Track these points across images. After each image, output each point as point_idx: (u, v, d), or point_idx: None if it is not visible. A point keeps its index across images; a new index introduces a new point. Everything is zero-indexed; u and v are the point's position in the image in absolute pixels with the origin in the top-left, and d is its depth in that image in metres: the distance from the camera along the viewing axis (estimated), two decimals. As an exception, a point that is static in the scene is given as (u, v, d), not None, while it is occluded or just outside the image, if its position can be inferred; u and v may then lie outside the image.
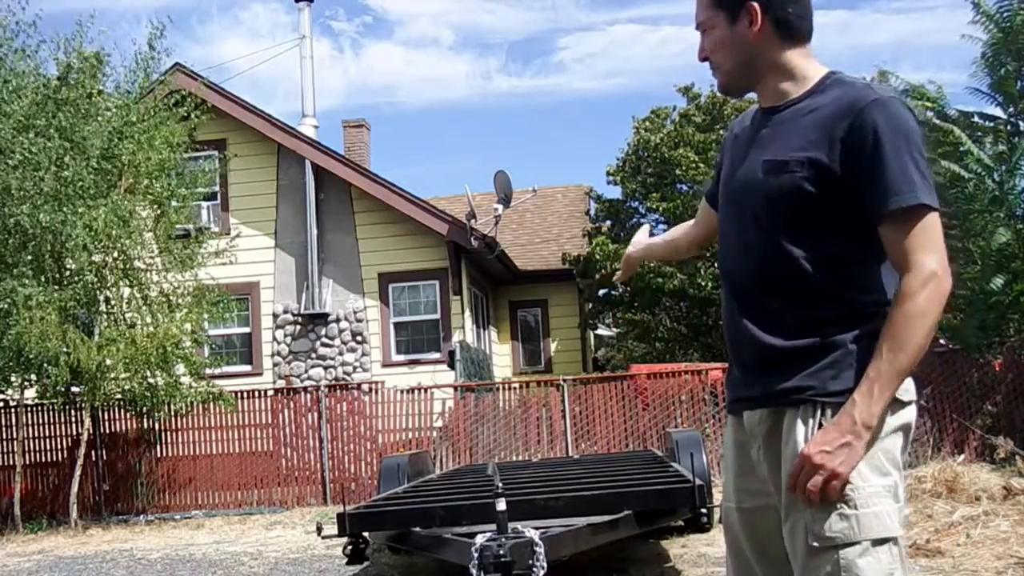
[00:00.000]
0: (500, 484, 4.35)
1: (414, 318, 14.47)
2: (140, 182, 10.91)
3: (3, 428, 12.06)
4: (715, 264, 2.28)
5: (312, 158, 14.35)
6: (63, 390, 10.70)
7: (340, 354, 14.37)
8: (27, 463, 11.61)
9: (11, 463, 11.50)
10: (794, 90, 2.00)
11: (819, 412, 1.88)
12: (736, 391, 2.07)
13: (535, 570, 3.95)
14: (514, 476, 6.36)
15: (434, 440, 11.48)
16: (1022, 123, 10.62)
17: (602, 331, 20.27)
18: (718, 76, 2.07)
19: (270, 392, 12.22)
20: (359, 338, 14.36)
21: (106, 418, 11.84)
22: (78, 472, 10.86)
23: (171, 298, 11.25)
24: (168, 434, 11.82)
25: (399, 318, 14.48)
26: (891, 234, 1.86)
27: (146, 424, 11.62)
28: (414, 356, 14.31)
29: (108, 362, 10.30)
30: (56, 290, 10.24)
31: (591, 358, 19.13)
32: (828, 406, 1.87)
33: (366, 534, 5.43)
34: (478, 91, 71.02)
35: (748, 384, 2.01)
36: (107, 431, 11.88)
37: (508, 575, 3.88)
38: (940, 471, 7.31)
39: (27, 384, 11.20)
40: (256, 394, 12.01)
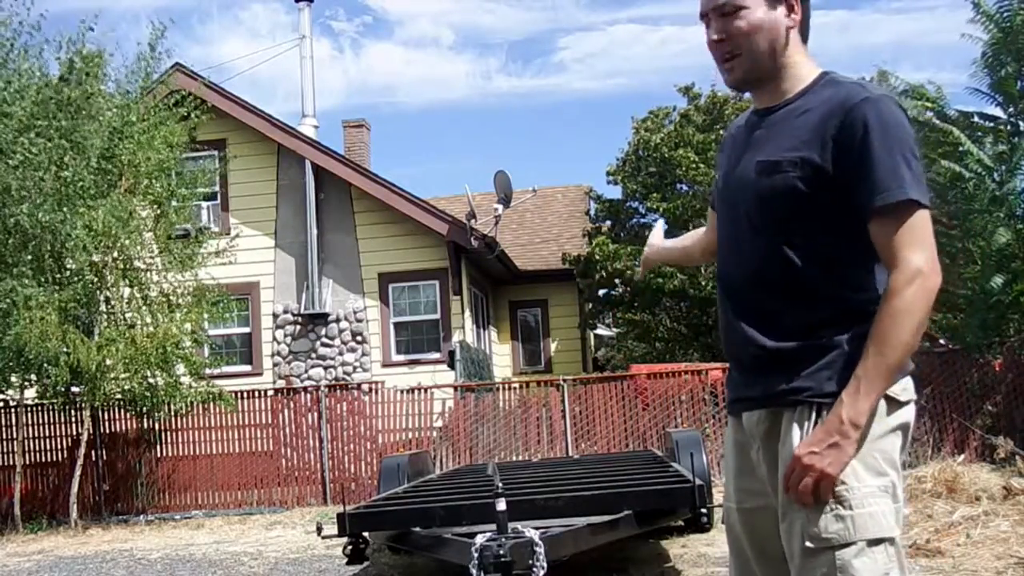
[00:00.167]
0: (500, 484, 4.35)
1: (414, 318, 14.47)
2: (140, 182, 10.91)
3: (3, 428, 12.05)
4: (715, 265, 2.29)
5: (312, 158, 14.36)
6: (63, 390, 10.71)
7: (340, 354, 14.37)
8: (27, 463, 11.61)
9: (11, 463, 11.50)
10: (791, 90, 2.00)
11: (815, 413, 1.88)
12: (735, 392, 2.07)
13: (535, 570, 3.95)
14: (514, 476, 6.36)
15: (434, 440, 11.48)
16: (1022, 123, 10.61)
17: (602, 331, 20.27)
18: (737, 63, 1.97)
19: (270, 392, 12.22)
20: (359, 338, 14.37)
21: (106, 418, 11.84)
22: (78, 472, 10.86)
23: (171, 298, 11.26)
24: (168, 434, 11.82)
25: (399, 318, 14.49)
26: (879, 231, 1.85)
27: (146, 424, 11.61)
28: (414, 356, 14.31)
29: (108, 362, 10.30)
30: (56, 290, 10.24)
31: (591, 358, 19.13)
32: (824, 407, 1.86)
33: (366, 534, 5.43)
34: (478, 91, 71.08)
35: (747, 385, 2.01)
36: (107, 431, 11.87)
37: (508, 575, 3.88)
38: (940, 471, 7.31)
39: (27, 384, 11.19)
40: (256, 394, 12.01)
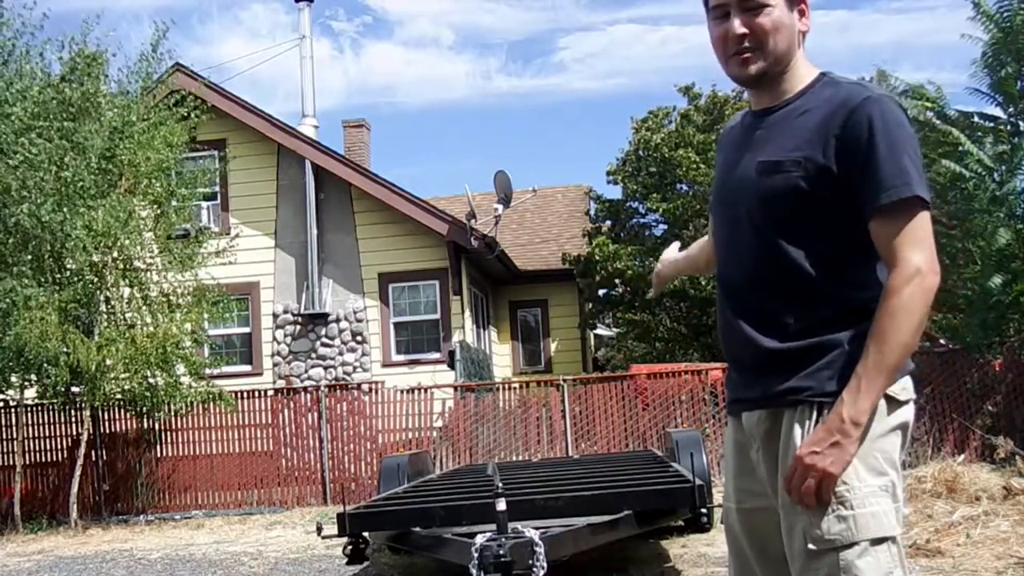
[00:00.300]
0: (500, 484, 4.35)
1: (414, 318, 14.47)
2: (140, 182, 10.91)
3: (3, 428, 12.05)
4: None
5: (312, 158, 14.35)
6: (63, 390, 10.71)
7: (340, 354, 14.37)
8: (27, 463, 11.60)
9: (11, 463, 11.50)
10: (790, 91, 2.01)
11: (816, 413, 1.87)
12: (735, 392, 2.07)
13: (535, 570, 3.95)
14: (514, 476, 6.36)
15: (434, 440, 11.48)
16: (1022, 123, 10.61)
17: (602, 331, 20.27)
18: (754, 58, 1.97)
19: (270, 392, 12.22)
20: (359, 338, 14.36)
21: (106, 418, 11.84)
22: (78, 472, 10.86)
23: (171, 298, 11.26)
24: (168, 434, 11.82)
25: (399, 318, 14.49)
26: (881, 229, 1.85)
27: (146, 424, 11.61)
28: (414, 356, 14.31)
29: (108, 362, 10.30)
30: (56, 290, 10.24)
31: (591, 358, 19.13)
32: (825, 406, 1.86)
33: (366, 534, 5.43)
34: (478, 91, 71.05)
35: (746, 385, 2.01)
36: (107, 431, 11.87)
37: (508, 575, 3.88)
38: (940, 471, 7.31)
39: (27, 384, 11.19)
40: (256, 394, 12.01)
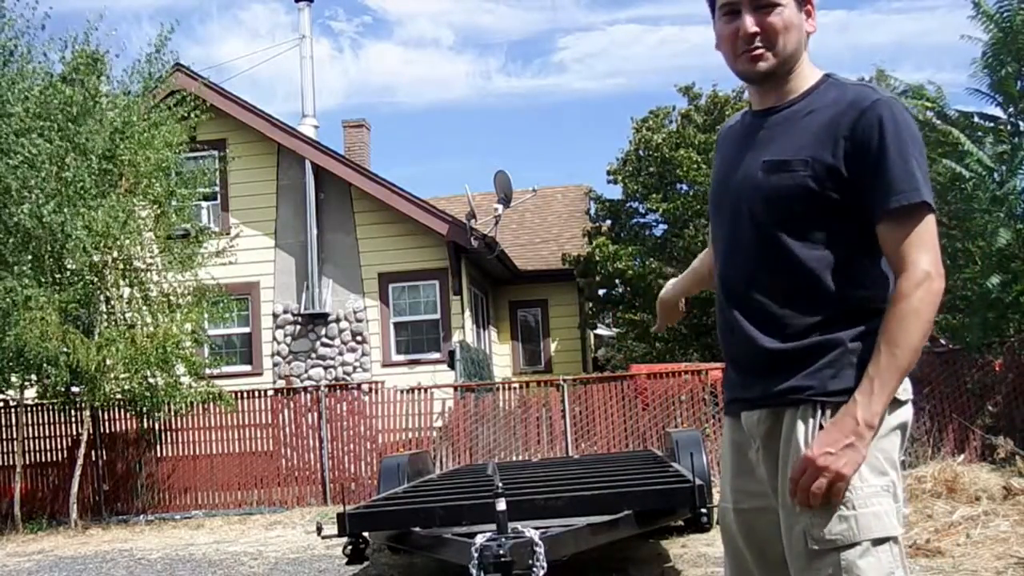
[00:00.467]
0: (500, 484, 4.34)
1: (414, 318, 14.47)
2: (140, 182, 10.91)
3: (3, 428, 12.05)
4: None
5: (312, 158, 14.35)
6: (63, 390, 10.71)
7: (340, 354, 14.37)
8: (27, 463, 11.60)
9: (11, 463, 11.50)
10: (794, 91, 2.00)
11: (819, 412, 1.87)
12: (733, 392, 2.06)
13: (535, 570, 3.95)
14: (514, 476, 6.36)
15: (434, 440, 11.48)
16: (1022, 123, 10.60)
17: (602, 331, 20.26)
18: (765, 56, 1.97)
19: (270, 392, 12.22)
20: (359, 338, 14.36)
21: (106, 418, 11.84)
22: (78, 472, 10.86)
23: (171, 298, 11.25)
24: (168, 434, 11.82)
25: (399, 318, 14.48)
26: (890, 232, 1.86)
27: (146, 424, 11.60)
28: (414, 356, 14.31)
29: (108, 362, 10.30)
30: (56, 290, 10.24)
31: (591, 358, 19.13)
32: (828, 406, 1.86)
33: (366, 534, 5.43)
34: (478, 91, 71.04)
35: (745, 385, 2.00)
36: (107, 431, 11.87)
37: (508, 575, 3.88)
38: (940, 471, 7.31)
39: (27, 384, 11.20)
40: (256, 394, 12.01)
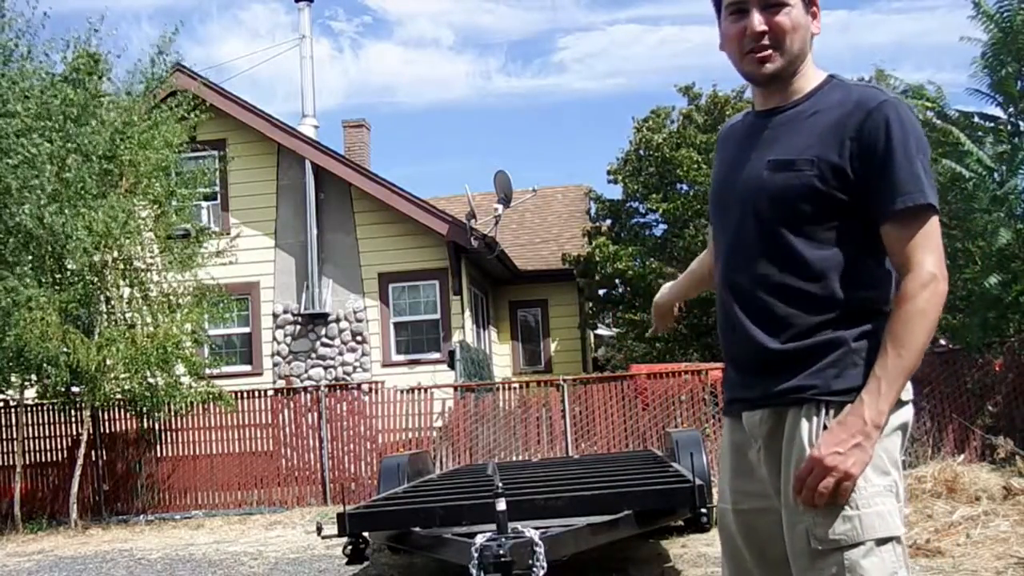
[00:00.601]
0: (500, 484, 4.33)
1: (414, 318, 14.47)
2: (140, 182, 10.91)
3: (3, 428, 12.05)
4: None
5: (312, 158, 14.35)
6: (63, 390, 10.71)
7: (340, 354, 14.36)
8: (27, 463, 11.60)
9: (11, 463, 11.51)
10: (799, 92, 2.01)
11: (823, 411, 1.87)
12: (733, 392, 2.06)
13: (535, 570, 3.94)
14: (514, 476, 6.35)
15: (434, 440, 11.48)
16: (1022, 123, 10.60)
17: (602, 331, 20.26)
18: (773, 56, 1.96)
19: (270, 392, 12.21)
20: (359, 338, 14.36)
21: (106, 418, 11.84)
22: (78, 472, 10.85)
23: (171, 298, 11.25)
24: (168, 434, 11.82)
25: (399, 318, 14.48)
26: (895, 233, 1.86)
27: (146, 424, 11.60)
28: (414, 356, 14.30)
29: (108, 362, 10.30)
30: (57, 291, 10.23)
31: (591, 358, 19.13)
32: (831, 405, 1.86)
33: (366, 534, 5.43)
34: (478, 91, 71.06)
35: (746, 385, 1.99)
36: (107, 431, 11.87)
37: (508, 575, 3.88)
38: (940, 471, 7.31)
39: (27, 384, 11.19)
40: (256, 394, 12.00)
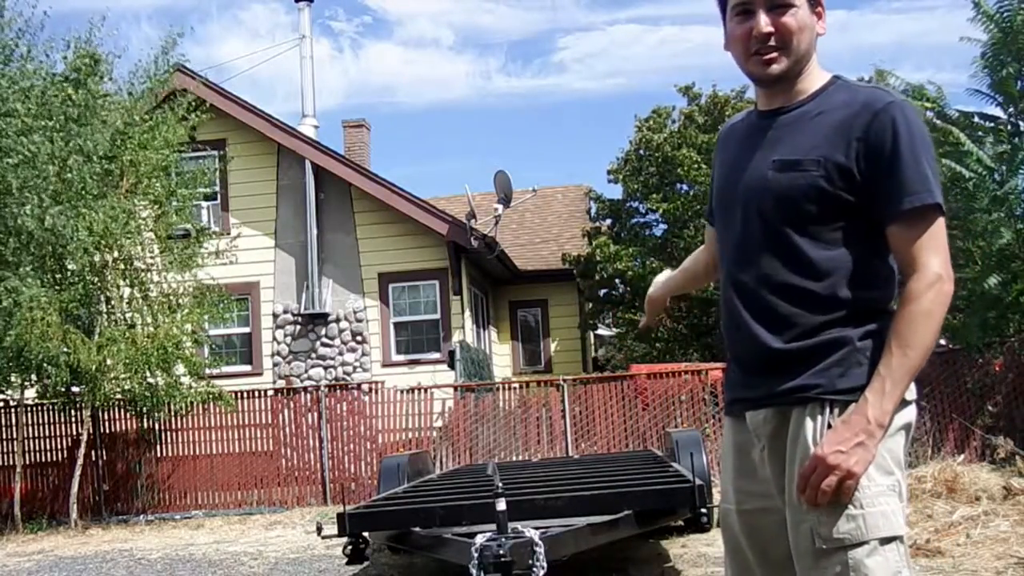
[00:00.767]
0: (500, 484, 4.33)
1: (414, 318, 14.47)
2: (140, 182, 10.90)
3: (3, 428, 12.05)
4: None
5: (312, 158, 14.35)
6: (63, 390, 10.70)
7: (340, 354, 14.36)
8: (27, 463, 11.60)
9: (11, 463, 11.50)
10: (804, 92, 2.01)
11: (827, 410, 1.87)
12: (736, 392, 2.06)
13: (535, 570, 3.94)
14: (514, 476, 6.35)
15: (434, 440, 11.48)
16: (1022, 123, 10.60)
17: (602, 331, 20.26)
18: (779, 57, 1.97)
19: (270, 392, 12.21)
20: (359, 338, 14.36)
21: (106, 418, 11.84)
22: (78, 472, 10.85)
23: (171, 298, 11.25)
24: (168, 434, 11.82)
25: (399, 318, 14.48)
26: (901, 234, 1.87)
27: (146, 424, 11.61)
28: (414, 356, 14.30)
29: (108, 362, 10.29)
30: (57, 291, 10.23)
31: (591, 358, 19.13)
32: (836, 404, 1.86)
33: (366, 534, 5.43)
34: (478, 91, 71.05)
35: (750, 385, 1.99)
36: (107, 431, 11.87)
37: (508, 575, 3.88)
38: (940, 471, 7.31)
39: (27, 384, 11.19)
40: (256, 394, 12.00)
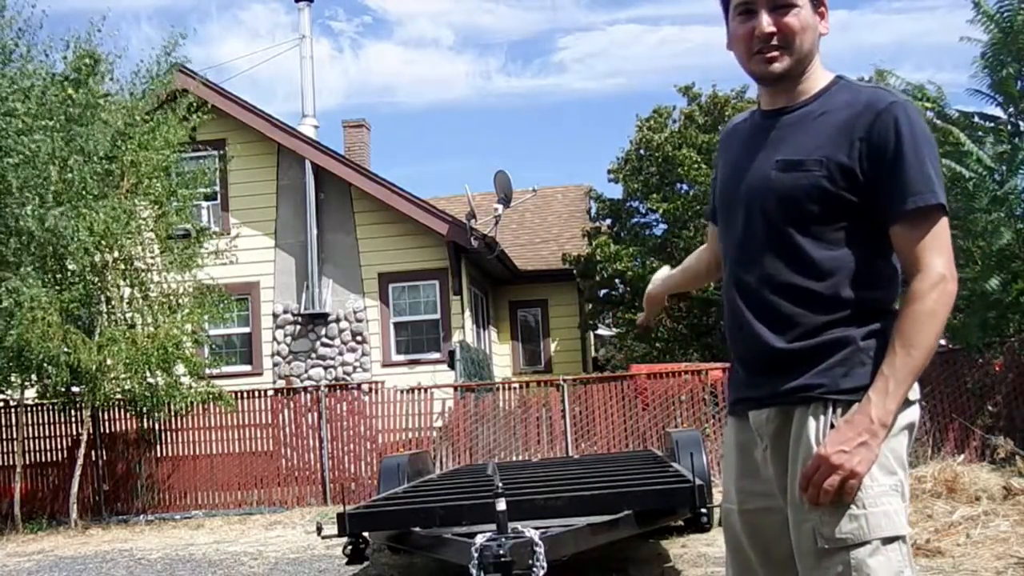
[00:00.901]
0: (500, 484, 4.33)
1: (414, 318, 14.47)
2: (141, 182, 10.90)
3: (3, 428, 12.05)
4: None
5: (312, 158, 14.35)
6: (63, 390, 10.70)
7: (340, 354, 14.36)
8: (27, 463, 11.60)
9: (11, 463, 11.50)
10: (807, 92, 2.01)
11: (830, 410, 1.87)
12: (739, 392, 2.06)
13: (535, 570, 3.94)
14: (514, 476, 6.35)
15: (434, 440, 11.48)
16: (1022, 123, 10.60)
17: (602, 331, 20.26)
18: (781, 56, 1.97)
19: (270, 392, 12.21)
20: (359, 338, 14.36)
21: (106, 418, 11.84)
22: (78, 472, 10.85)
23: (172, 298, 11.25)
24: (168, 434, 11.82)
25: (399, 318, 14.48)
26: (905, 234, 1.87)
27: (146, 424, 11.61)
28: (414, 356, 14.30)
29: (108, 362, 10.29)
30: (58, 291, 10.23)
31: (591, 358, 19.12)
32: (839, 404, 1.86)
33: (366, 534, 5.43)
34: (478, 91, 71.07)
35: (754, 385, 1.99)
36: (107, 431, 11.87)
37: (508, 575, 3.88)
38: (940, 471, 7.31)
39: (27, 384, 11.19)
40: (256, 394, 12.00)
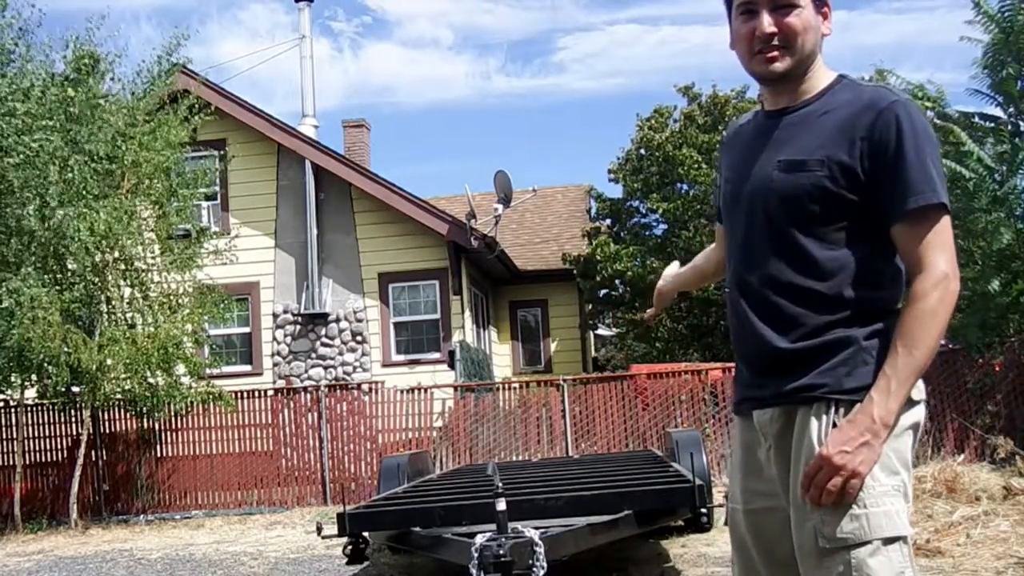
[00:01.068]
0: (500, 484, 4.33)
1: (414, 318, 14.47)
2: (141, 182, 10.90)
3: (3, 428, 12.05)
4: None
5: (312, 158, 14.35)
6: (63, 390, 10.70)
7: (340, 354, 14.36)
8: (27, 463, 11.60)
9: (11, 463, 11.51)
10: (809, 92, 2.01)
11: (832, 410, 1.87)
12: (744, 391, 2.06)
13: (535, 570, 3.94)
14: (514, 476, 6.35)
15: (434, 440, 11.47)
16: (1023, 124, 10.60)
17: (602, 331, 20.26)
18: (782, 56, 1.97)
19: (270, 392, 12.21)
20: (359, 338, 14.36)
21: (106, 418, 11.84)
22: (78, 472, 10.85)
23: (172, 298, 11.25)
24: (168, 434, 11.82)
25: (399, 318, 14.48)
26: (907, 233, 1.86)
27: (146, 424, 11.61)
28: (414, 356, 14.30)
29: (109, 362, 10.29)
30: (58, 291, 10.23)
31: (591, 358, 19.12)
32: (842, 404, 1.86)
33: (366, 534, 5.43)
34: (478, 91, 71.10)
35: (757, 384, 2.00)
36: (107, 431, 11.87)
37: (508, 575, 3.88)
38: (940, 471, 7.31)
39: (28, 384, 11.19)
40: (256, 394, 12.00)
